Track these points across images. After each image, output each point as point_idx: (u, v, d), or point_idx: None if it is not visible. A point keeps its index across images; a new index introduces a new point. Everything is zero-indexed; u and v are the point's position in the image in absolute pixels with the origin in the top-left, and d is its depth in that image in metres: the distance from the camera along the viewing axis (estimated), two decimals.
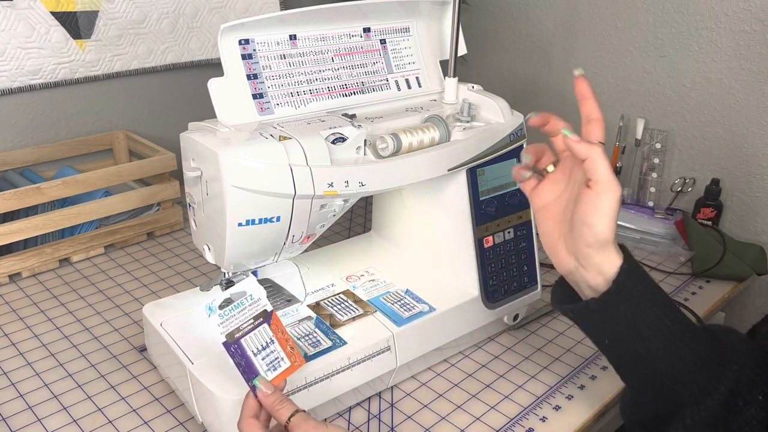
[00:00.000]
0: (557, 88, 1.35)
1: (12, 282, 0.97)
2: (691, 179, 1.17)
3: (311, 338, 0.72)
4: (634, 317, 0.57)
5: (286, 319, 0.75)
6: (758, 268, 1.05)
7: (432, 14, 0.84)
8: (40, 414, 0.72)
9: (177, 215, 1.13)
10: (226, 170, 0.62)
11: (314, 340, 0.72)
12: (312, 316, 0.76)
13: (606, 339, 0.61)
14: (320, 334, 0.73)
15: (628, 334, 0.58)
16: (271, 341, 0.63)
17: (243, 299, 0.65)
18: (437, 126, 0.76)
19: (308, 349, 0.70)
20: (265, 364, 0.62)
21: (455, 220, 0.81)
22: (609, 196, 0.57)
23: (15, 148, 1.13)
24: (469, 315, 0.81)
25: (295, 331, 0.73)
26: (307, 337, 0.72)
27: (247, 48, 0.70)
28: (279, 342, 0.62)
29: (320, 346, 0.71)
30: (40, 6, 1.06)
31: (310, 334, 0.73)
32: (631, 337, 0.58)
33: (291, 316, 0.76)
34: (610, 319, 0.59)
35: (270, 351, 0.62)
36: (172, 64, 1.26)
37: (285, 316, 0.76)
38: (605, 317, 0.59)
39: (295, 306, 0.78)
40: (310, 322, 0.75)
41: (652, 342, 0.57)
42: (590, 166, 0.57)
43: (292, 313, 0.76)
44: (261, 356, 0.62)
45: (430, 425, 0.72)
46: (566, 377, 0.80)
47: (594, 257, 0.59)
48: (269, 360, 0.62)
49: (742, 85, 1.09)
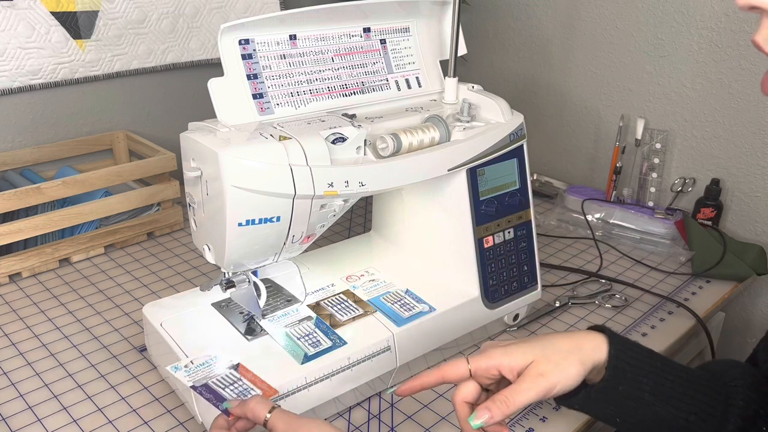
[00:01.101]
0: (557, 88, 1.35)
1: (12, 282, 0.97)
2: (691, 179, 1.17)
3: (311, 338, 0.72)
4: (634, 390, 0.58)
5: (286, 319, 0.75)
6: (758, 268, 1.05)
7: (432, 14, 0.84)
8: (40, 414, 0.72)
9: (177, 215, 1.13)
10: (226, 170, 0.62)
11: (314, 340, 0.72)
12: (312, 316, 0.76)
13: (617, 417, 0.61)
14: (320, 334, 0.73)
15: (633, 406, 0.59)
16: (239, 379, 0.64)
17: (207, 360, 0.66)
18: (437, 126, 0.76)
19: (308, 349, 0.70)
20: (234, 394, 0.63)
21: (455, 220, 0.81)
22: (555, 386, 0.56)
23: (15, 148, 1.13)
24: (469, 315, 0.81)
25: (295, 331, 0.73)
26: (307, 337, 0.72)
27: (247, 48, 0.70)
28: (248, 380, 0.65)
29: (320, 346, 0.71)
30: (40, 6, 1.06)
31: (310, 334, 0.73)
32: (638, 408, 0.59)
33: (291, 316, 0.76)
34: (612, 400, 0.59)
35: (238, 385, 0.64)
36: (172, 64, 1.26)
37: (285, 316, 0.76)
38: (608, 400, 0.59)
39: (295, 306, 0.78)
40: (310, 322, 0.75)
41: (657, 405, 0.58)
42: (521, 408, 0.57)
43: (292, 312, 0.76)
44: (230, 389, 0.63)
45: (430, 425, 0.72)
46: None
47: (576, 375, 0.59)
48: (237, 391, 0.64)
49: (742, 85, 1.09)
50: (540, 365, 0.57)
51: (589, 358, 0.58)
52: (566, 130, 1.35)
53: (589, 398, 0.59)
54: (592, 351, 0.58)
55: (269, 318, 0.75)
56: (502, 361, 0.58)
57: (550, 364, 0.57)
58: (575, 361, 0.57)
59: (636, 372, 0.58)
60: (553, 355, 0.57)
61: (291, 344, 0.71)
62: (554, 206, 1.25)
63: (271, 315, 0.76)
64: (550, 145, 1.38)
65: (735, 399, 0.58)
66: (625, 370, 0.58)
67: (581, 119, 1.32)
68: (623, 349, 0.59)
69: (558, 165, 1.38)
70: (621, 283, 1.01)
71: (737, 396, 0.58)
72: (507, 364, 0.58)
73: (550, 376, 0.56)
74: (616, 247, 1.12)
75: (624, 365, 0.58)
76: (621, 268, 1.06)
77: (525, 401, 0.56)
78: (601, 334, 0.60)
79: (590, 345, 0.59)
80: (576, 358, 0.57)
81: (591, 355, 0.58)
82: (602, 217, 1.18)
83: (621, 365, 0.58)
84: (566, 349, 0.58)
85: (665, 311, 0.94)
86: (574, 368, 0.57)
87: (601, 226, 1.17)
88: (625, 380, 0.58)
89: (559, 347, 0.58)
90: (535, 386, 0.56)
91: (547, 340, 0.59)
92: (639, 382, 0.58)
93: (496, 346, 0.60)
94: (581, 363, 0.57)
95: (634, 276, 1.04)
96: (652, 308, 0.95)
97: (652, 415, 0.58)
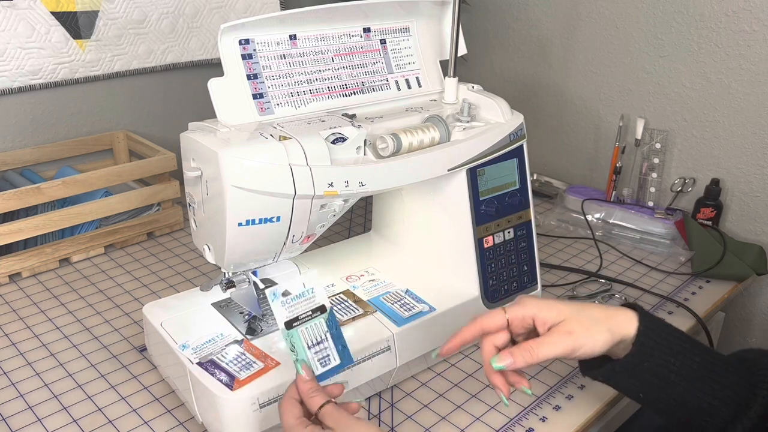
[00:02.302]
0: (557, 88, 1.35)
1: (12, 282, 0.97)
2: (691, 179, 1.17)
3: (322, 352, 0.68)
4: (660, 368, 0.59)
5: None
6: (758, 268, 1.05)
7: (432, 14, 0.84)
8: (40, 414, 0.72)
9: (177, 215, 1.13)
10: (226, 170, 0.62)
11: (324, 355, 0.66)
12: (326, 307, 0.72)
13: (640, 393, 0.62)
14: (332, 348, 0.70)
15: (659, 384, 0.60)
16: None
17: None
18: (437, 126, 0.76)
19: (317, 367, 0.65)
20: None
21: (455, 220, 0.81)
22: (578, 348, 0.59)
23: (15, 148, 1.13)
24: (469, 315, 0.81)
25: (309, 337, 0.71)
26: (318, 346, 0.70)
27: (247, 48, 0.70)
28: (252, 355, 0.66)
29: (329, 364, 0.66)
30: (40, 6, 1.06)
31: (321, 343, 0.70)
32: (663, 387, 0.59)
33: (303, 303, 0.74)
34: (637, 375, 0.60)
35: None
36: (172, 64, 1.26)
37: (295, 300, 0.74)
38: (632, 374, 0.60)
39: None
40: (323, 322, 0.71)
41: (681, 386, 0.59)
42: (543, 361, 0.59)
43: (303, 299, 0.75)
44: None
45: (430, 425, 0.72)
46: (566, 377, 0.80)
47: (612, 349, 0.61)
48: (241, 365, 0.65)
49: (742, 85, 1.09)
50: (570, 324, 0.59)
51: (618, 330, 0.59)
52: (566, 130, 1.35)
53: (614, 371, 0.61)
54: (623, 324, 0.60)
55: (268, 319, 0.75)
56: (537, 312, 0.60)
57: (580, 326, 0.59)
58: (604, 329, 0.59)
59: (663, 350, 0.59)
60: (585, 320, 0.59)
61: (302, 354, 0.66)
62: (554, 206, 1.25)
63: (271, 315, 0.76)
64: (550, 145, 1.38)
65: (760, 388, 0.58)
66: (653, 347, 0.59)
67: (581, 119, 1.32)
68: (653, 327, 0.60)
69: (558, 165, 1.38)
70: (621, 283, 1.01)
71: (762, 384, 0.58)
72: (541, 316, 0.60)
73: (578, 337, 0.58)
74: (616, 247, 1.12)
75: (651, 342, 0.59)
76: (621, 268, 1.06)
77: (548, 354, 0.58)
78: (633, 310, 0.61)
79: (621, 318, 0.60)
80: (605, 327, 0.59)
81: (620, 327, 0.60)
82: (602, 217, 1.18)
83: (648, 342, 0.59)
84: (598, 317, 0.60)
85: (665, 311, 0.94)
86: (602, 336, 0.59)
87: (601, 226, 1.17)
88: (651, 357, 0.59)
89: (591, 314, 0.60)
90: (561, 342, 0.58)
91: (582, 305, 0.62)
92: (665, 361, 0.59)
93: (532, 299, 0.62)
94: (610, 332, 0.59)
95: (634, 276, 1.04)
96: (652, 308, 0.95)
97: (676, 395, 0.59)
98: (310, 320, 0.64)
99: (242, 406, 0.64)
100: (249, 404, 0.64)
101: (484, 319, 0.62)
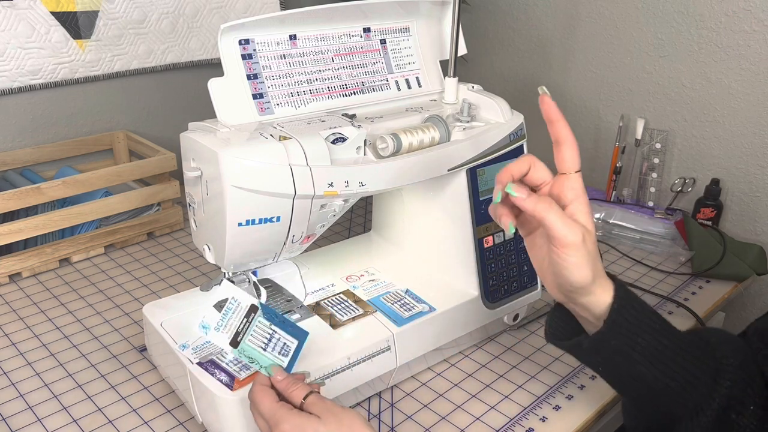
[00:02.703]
0: (557, 88, 1.35)
1: (12, 282, 0.97)
2: (691, 179, 1.17)
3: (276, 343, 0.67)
4: (626, 346, 0.58)
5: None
6: (758, 268, 1.05)
7: (432, 14, 0.84)
8: (40, 414, 0.72)
9: (177, 215, 1.13)
10: (226, 170, 0.62)
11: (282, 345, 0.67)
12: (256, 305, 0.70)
13: (600, 367, 0.62)
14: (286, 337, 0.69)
15: (620, 361, 0.59)
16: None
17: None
18: (437, 126, 0.76)
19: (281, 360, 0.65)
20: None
21: (455, 220, 0.81)
22: (571, 250, 0.55)
23: (15, 148, 1.13)
24: (469, 315, 0.81)
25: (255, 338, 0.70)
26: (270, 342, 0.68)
27: (247, 48, 0.70)
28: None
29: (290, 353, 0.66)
30: (40, 6, 1.06)
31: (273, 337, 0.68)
32: (623, 363, 0.58)
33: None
34: (602, 352, 0.59)
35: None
36: (172, 64, 1.26)
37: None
38: (598, 351, 0.59)
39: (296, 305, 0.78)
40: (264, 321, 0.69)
41: (644, 366, 0.58)
42: (542, 222, 0.56)
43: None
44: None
45: (430, 425, 0.72)
46: (566, 377, 0.80)
47: (579, 299, 0.59)
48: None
49: (742, 85, 1.09)
50: (586, 237, 0.56)
51: (596, 289, 0.57)
52: None
53: (580, 347, 0.60)
54: (602, 287, 0.58)
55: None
56: (567, 202, 0.58)
57: (589, 246, 0.56)
58: (592, 273, 0.56)
59: (632, 330, 0.57)
60: (594, 249, 0.57)
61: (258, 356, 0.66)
62: None
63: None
64: (550, 145, 1.38)
65: (723, 378, 0.57)
66: (622, 325, 0.57)
67: (581, 119, 1.32)
68: (626, 305, 0.58)
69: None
70: None
71: (726, 375, 0.57)
72: (568, 198, 0.58)
73: (580, 249, 0.55)
74: (616, 247, 1.12)
75: (622, 320, 0.57)
76: (621, 268, 1.06)
77: (554, 222, 0.54)
78: (612, 281, 0.59)
79: (604, 281, 0.58)
80: (593, 272, 0.56)
81: (599, 289, 0.58)
82: (602, 217, 1.18)
83: (620, 320, 0.57)
84: (598, 261, 0.58)
85: (665, 311, 0.94)
86: (587, 276, 0.56)
87: (601, 226, 1.17)
88: (619, 335, 0.57)
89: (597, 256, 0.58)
90: (571, 226, 0.55)
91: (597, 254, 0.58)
92: (632, 341, 0.57)
93: (582, 194, 0.59)
94: (592, 281, 0.56)
95: (634, 276, 1.04)
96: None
97: (636, 373, 0.58)
98: (250, 326, 0.64)
99: (242, 406, 0.64)
100: (249, 404, 0.64)
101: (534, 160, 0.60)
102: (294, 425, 0.53)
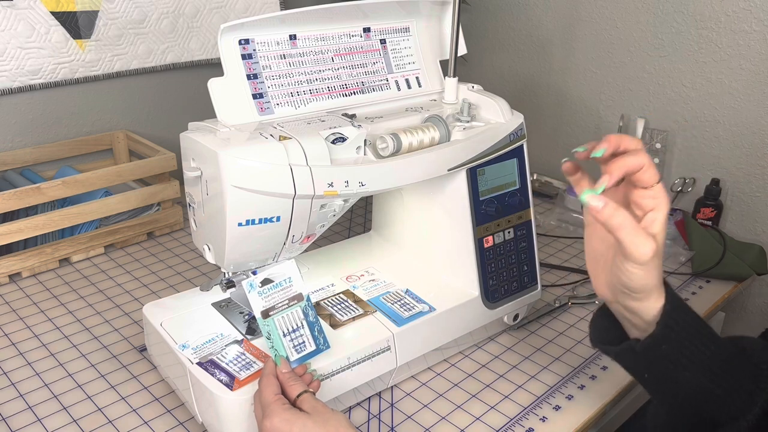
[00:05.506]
0: (557, 88, 1.35)
1: (12, 282, 0.97)
2: (691, 179, 1.17)
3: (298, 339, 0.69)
4: (675, 352, 0.58)
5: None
6: (758, 268, 1.05)
7: (432, 14, 0.84)
8: (40, 414, 0.72)
9: (177, 215, 1.13)
10: (226, 170, 0.62)
11: (299, 342, 0.69)
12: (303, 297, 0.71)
13: (646, 374, 0.61)
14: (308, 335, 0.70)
15: (668, 367, 0.58)
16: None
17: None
18: (437, 126, 0.76)
19: (291, 353, 0.67)
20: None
21: (455, 220, 0.81)
22: (639, 264, 0.55)
23: (15, 148, 1.13)
24: (469, 315, 0.81)
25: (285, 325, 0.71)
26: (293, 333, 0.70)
27: (247, 48, 0.70)
28: (252, 354, 0.68)
29: (304, 350, 0.68)
30: (40, 6, 1.06)
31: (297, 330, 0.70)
32: (671, 369, 0.58)
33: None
34: (652, 357, 0.59)
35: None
36: (172, 64, 1.26)
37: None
38: (648, 356, 0.59)
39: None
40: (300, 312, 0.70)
41: (691, 371, 0.58)
42: (614, 236, 0.55)
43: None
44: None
45: (430, 425, 0.72)
46: (566, 377, 0.80)
47: (630, 303, 0.58)
48: (242, 364, 0.66)
49: (742, 85, 1.09)
50: (656, 251, 0.55)
51: (656, 293, 0.57)
52: (566, 130, 1.35)
53: (632, 351, 0.59)
54: (660, 294, 0.57)
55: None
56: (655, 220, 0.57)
57: (657, 259, 0.56)
58: (658, 280, 0.57)
59: (683, 335, 0.57)
60: (660, 260, 0.57)
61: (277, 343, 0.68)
62: (554, 206, 1.25)
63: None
64: (550, 145, 1.38)
65: (763, 382, 0.58)
66: (674, 330, 0.57)
67: (581, 119, 1.32)
68: (677, 308, 0.58)
69: (558, 165, 1.38)
70: None
71: (765, 380, 0.58)
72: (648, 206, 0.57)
73: (651, 258, 0.55)
74: None
75: (673, 323, 0.57)
76: None
77: (625, 237, 0.53)
78: (665, 287, 0.59)
79: (661, 290, 0.58)
80: (659, 280, 0.57)
81: (658, 294, 0.57)
82: None
83: (672, 324, 0.57)
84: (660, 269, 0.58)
85: None
86: (652, 283, 0.56)
87: None
88: (671, 340, 0.57)
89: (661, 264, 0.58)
90: (643, 244, 0.54)
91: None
92: (682, 345, 0.57)
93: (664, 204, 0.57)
94: (655, 285, 0.56)
95: None
96: None
97: (682, 379, 0.58)
98: (287, 309, 0.66)
99: (242, 406, 0.64)
100: (249, 404, 0.64)
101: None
102: (284, 419, 0.57)
